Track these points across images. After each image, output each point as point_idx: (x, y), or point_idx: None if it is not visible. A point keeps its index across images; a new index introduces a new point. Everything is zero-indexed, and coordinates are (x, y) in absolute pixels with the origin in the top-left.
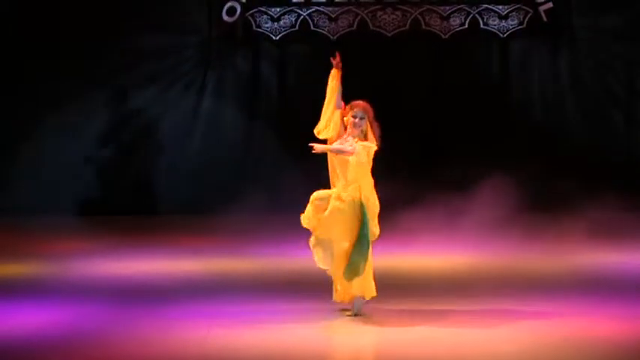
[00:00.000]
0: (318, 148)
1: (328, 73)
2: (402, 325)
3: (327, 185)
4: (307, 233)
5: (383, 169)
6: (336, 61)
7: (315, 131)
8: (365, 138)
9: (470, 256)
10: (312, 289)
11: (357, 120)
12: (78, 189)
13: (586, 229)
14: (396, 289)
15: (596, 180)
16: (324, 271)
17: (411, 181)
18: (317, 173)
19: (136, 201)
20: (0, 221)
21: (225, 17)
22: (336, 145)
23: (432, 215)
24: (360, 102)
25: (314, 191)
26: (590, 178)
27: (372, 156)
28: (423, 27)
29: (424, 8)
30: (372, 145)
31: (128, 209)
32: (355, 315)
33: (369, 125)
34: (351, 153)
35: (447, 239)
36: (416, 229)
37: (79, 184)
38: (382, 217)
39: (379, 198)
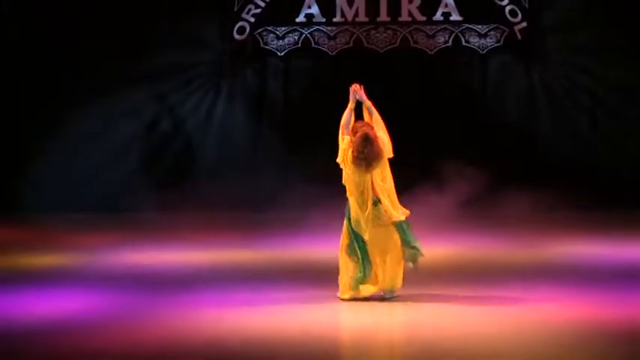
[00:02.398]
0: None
1: (328, 84)
2: (391, 310)
3: (325, 184)
4: (305, 229)
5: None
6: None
7: (338, 161)
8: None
9: (449, 246)
10: (314, 278)
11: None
12: (101, 187)
13: (560, 224)
14: None
15: (566, 179)
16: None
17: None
18: (318, 171)
19: (153, 198)
20: (33, 217)
21: (236, 36)
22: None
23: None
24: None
25: (315, 189)
26: (560, 177)
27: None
28: (412, 44)
29: (412, 28)
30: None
31: (147, 206)
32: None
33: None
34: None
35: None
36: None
37: (102, 183)
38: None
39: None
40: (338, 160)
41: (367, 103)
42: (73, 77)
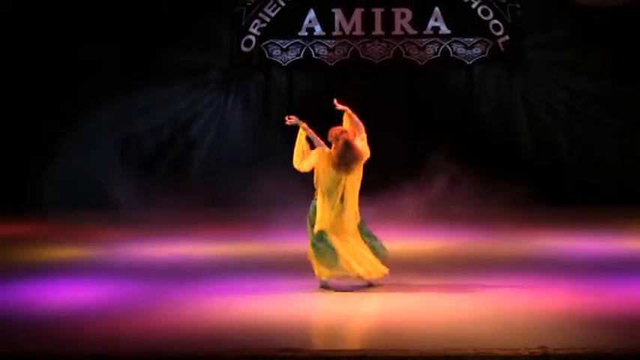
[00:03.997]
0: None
1: (327, 93)
2: (382, 296)
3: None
4: (304, 225)
5: (372, 169)
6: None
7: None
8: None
9: (435, 240)
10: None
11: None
12: (114, 186)
13: (538, 219)
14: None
15: (543, 178)
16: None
17: (392, 180)
18: None
19: (164, 196)
20: (56, 214)
21: (244, 48)
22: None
23: (405, 208)
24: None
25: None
26: (538, 176)
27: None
28: (404, 55)
29: (405, 41)
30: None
31: (158, 203)
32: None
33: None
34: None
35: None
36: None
37: (115, 181)
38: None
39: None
40: (301, 167)
41: (348, 111)
42: (90, 82)
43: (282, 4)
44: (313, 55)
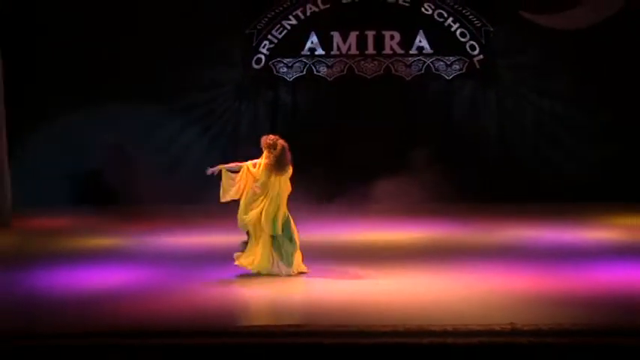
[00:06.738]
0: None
1: (326, 103)
2: (370, 279)
3: (322, 183)
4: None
5: (366, 170)
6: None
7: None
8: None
9: (415, 231)
10: (315, 260)
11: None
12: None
13: (508, 212)
14: (356, 258)
15: (516, 176)
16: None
17: (381, 177)
18: (322, 181)
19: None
20: (88, 209)
21: (254, 65)
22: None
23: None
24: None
25: (316, 187)
26: (511, 174)
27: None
28: (393, 72)
29: (393, 59)
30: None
31: (183, 201)
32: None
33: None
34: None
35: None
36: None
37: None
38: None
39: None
40: (227, 197)
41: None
42: (102, 87)
43: (288, 27)
44: (314, 72)
